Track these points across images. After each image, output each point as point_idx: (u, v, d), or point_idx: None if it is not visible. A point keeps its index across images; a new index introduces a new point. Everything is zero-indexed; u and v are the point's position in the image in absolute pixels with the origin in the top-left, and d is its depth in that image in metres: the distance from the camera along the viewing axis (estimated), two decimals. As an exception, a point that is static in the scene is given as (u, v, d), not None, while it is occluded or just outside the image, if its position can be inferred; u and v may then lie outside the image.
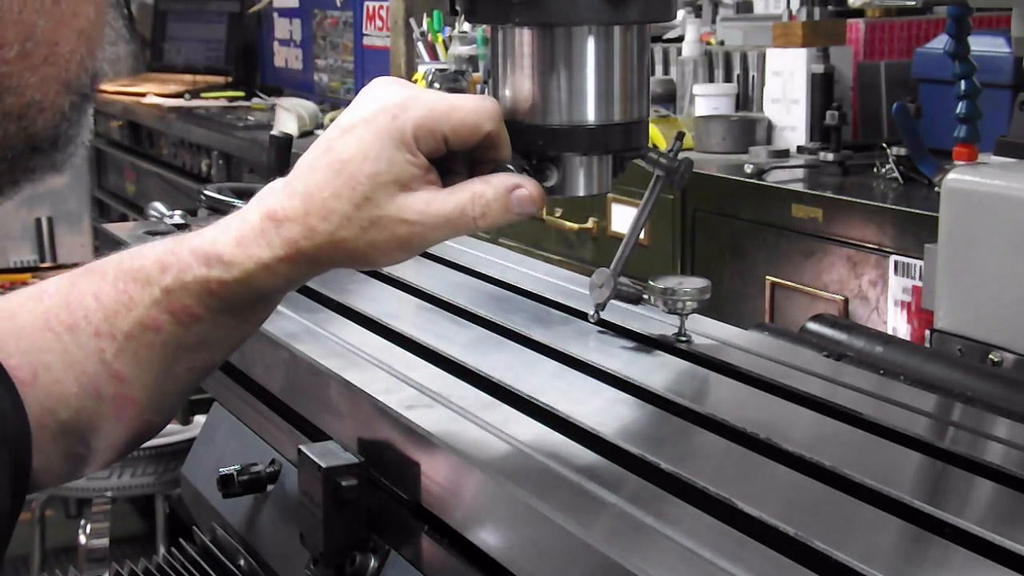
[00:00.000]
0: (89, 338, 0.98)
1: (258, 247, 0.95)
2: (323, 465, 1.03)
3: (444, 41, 3.73)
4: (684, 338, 1.21)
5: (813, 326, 1.30)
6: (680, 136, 1.17)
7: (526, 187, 0.95)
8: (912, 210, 1.97)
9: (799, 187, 2.24)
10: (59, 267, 5.07)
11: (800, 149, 2.50)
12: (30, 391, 0.95)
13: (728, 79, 2.83)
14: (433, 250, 1.62)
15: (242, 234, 0.96)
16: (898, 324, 1.96)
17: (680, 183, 1.15)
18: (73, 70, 0.75)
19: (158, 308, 0.97)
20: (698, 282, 1.20)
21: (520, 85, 1.01)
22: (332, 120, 3.84)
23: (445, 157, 0.95)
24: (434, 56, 3.74)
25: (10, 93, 0.72)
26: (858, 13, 2.67)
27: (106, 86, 5.32)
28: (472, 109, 0.94)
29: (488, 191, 0.94)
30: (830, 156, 2.35)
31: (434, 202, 0.93)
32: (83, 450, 1.00)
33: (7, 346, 0.96)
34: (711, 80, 2.85)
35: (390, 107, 0.94)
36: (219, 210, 1.71)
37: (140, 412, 1.00)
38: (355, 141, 0.94)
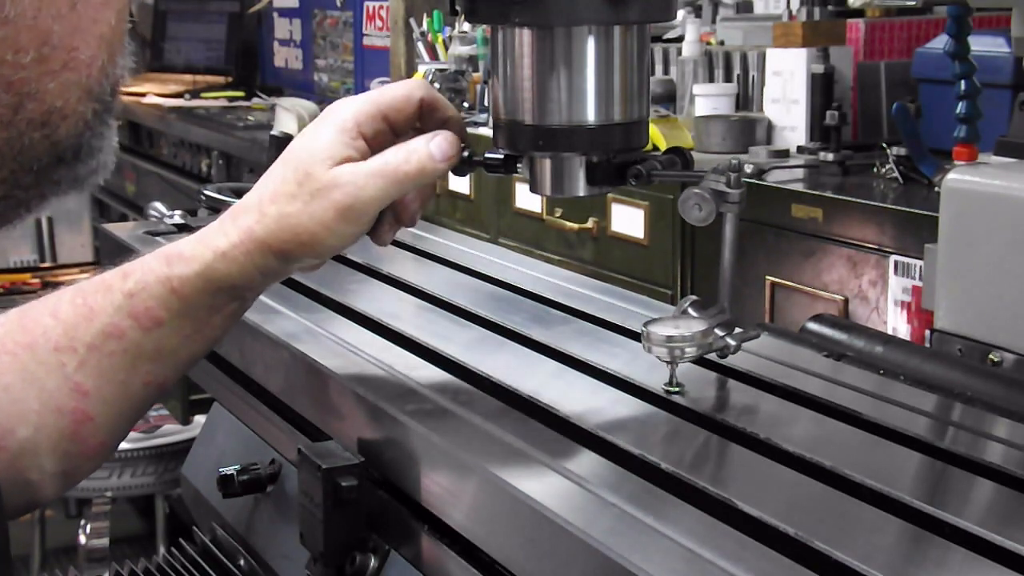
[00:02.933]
0: (49, 353, 1.00)
1: (215, 238, 1.02)
2: (323, 465, 1.03)
3: (444, 41, 3.72)
4: (676, 388, 1.06)
5: (813, 326, 1.30)
6: (738, 168, 1.08)
7: (442, 135, 1.03)
8: (912, 210, 1.96)
9: (799, 187, 2.24)
10: (59, 267, 5.07)
11: (800, 149, 2.50)
12: None
13: (728, 79, 2.83)
14: (433, 250, 1.62)
15: (203, 232, 1.03)
16: (898, 324, 1.96)
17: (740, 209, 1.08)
18: (94, 76, 0.76)
19: (120, 314, 1.01)
20: (696, 324, 1.04)
21: (520, 85, 1.01)
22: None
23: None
24: (434, 56, 3.73)
25: (30, 99, 0.72)
26: (858, 13, 2.67)
27: (106, 86, 5.31)
28: (401, 84, 1.06)
29: (410, 143, 1.02)
30: (830, 156, 2.35)
31: (362, 164, 1.01)
32: (36, 475, 1.01)
33: None
34: (711, 80, 2.85)
35: (334, 106, 1.05)
36: (219, 210, 1.71)
37: (96, 431, 1.02)
38: (303, 136, 1.04)
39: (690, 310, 1.09)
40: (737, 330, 1.06)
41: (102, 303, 1.02)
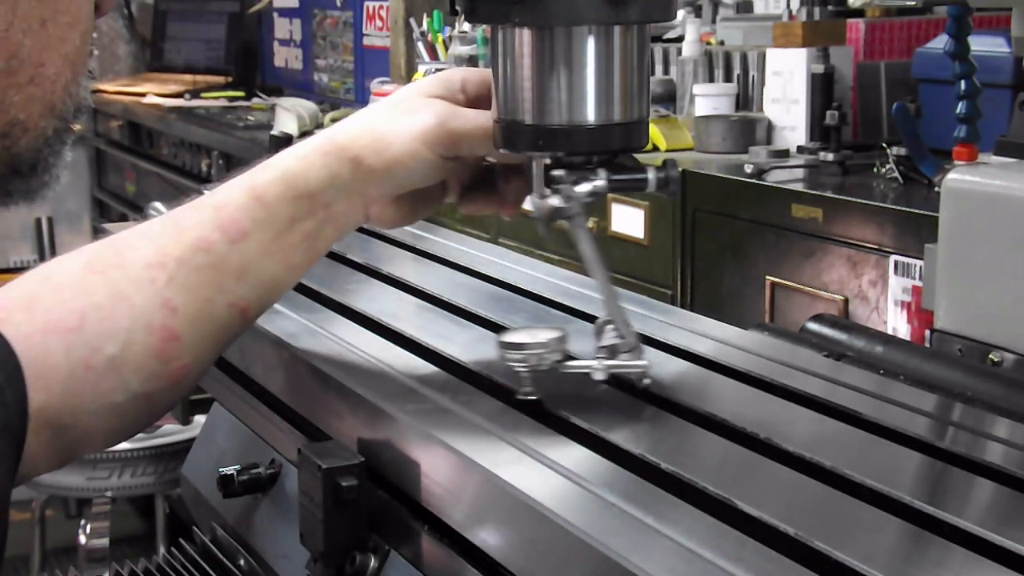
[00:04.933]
0: (140, 270, 1.02)
1: (298, 146, 1.08)
2: (323, 465, 1.03)
3: (444, 41, 3.73)
4: (531, 397, 1.03)
5: (813, 326, 1.30)
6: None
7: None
8: (912, 210, 1.97)
9: (799, 187, 2.24)
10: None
11: (800, 149, 2.50)
12: (76, 336, 0.98)
13: (728, 79, 2.84)
14: (433, 250, 1.62)
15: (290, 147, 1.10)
16: (898, 324, 1.96)
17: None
18: (58, 94, 0.78)
19: (210, 226, 1.04)
20: (548, 333, 1.03)
21: (520, 85, 1.01)
22: (332, 120, 3.85)
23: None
24: (434, 56, 3.74)
25: None
26: (858, 13, 2.67)
27: (106, 86, 5.32)
28: None
29: None
30: (830, 156, 2.35)
31: (462, 107, 1.07)
32: (120, 397, 1.01)
33: (45, 302, 0.99)
34: (711, 80, 2.85)
35: (446, 70, 1.12)
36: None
37: (181, 351, 1.03)
38: (410, 84, 1.11)
39: (604, 329, 1.05)
40: (623, 358, 1.03)
41: (192, 218, 1.05)
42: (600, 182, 1.01)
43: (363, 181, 1.07)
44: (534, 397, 1.04)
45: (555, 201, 1.01)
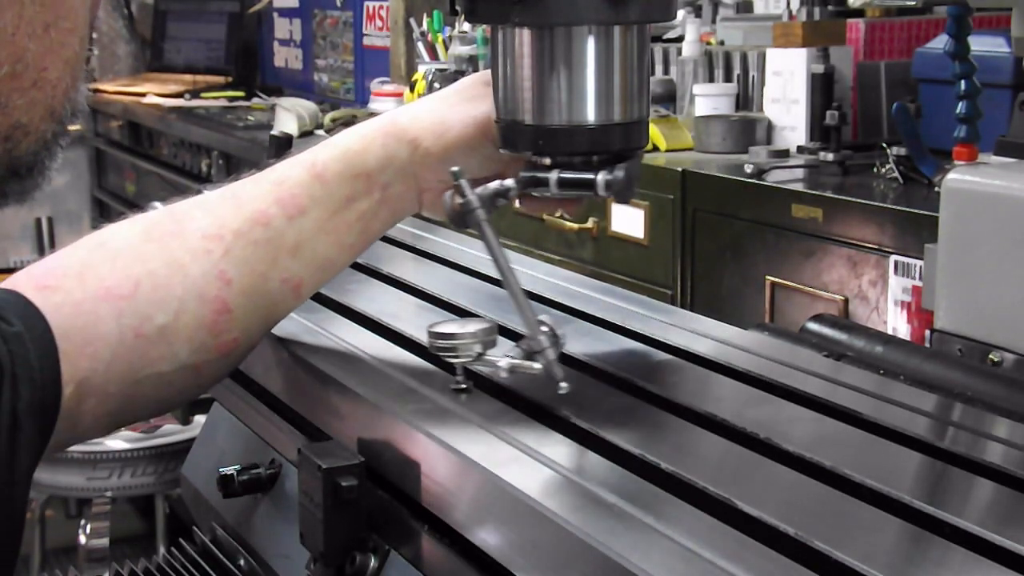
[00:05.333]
0: (197, 240, 1.03)
1: (359, 125, 1.10)
2: (323, 465, 1.03)
3: (444, 41, 3.73)
4: (463, 386, 1.05)
5: (813, 326, 1.30)
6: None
7: None
8: (912, 210, 1.97)
9: (799, 187, 2.24)
10: (59, 267, 5.06)
11: (800, 149, 2.50)
12: (128, 304, 0.99)
13: (728, 79, 2.84)
14: (433, 250, 1.62)
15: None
16: (898, 324, 1.96)
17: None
18: (59, 98, 0.79)
19: (268, 200, 1.05)
20: (477, 325, 1.04)
21: (520, 85, 1.01)
22: (332, 120, 3.85)
23: None
24: (434, 56, 3.74)
25: None
26: (858, 13, 2.67)
27: (106, 86, 5.32)
28: None
29: None
30: (830, 156, 2.35)
31: None
32: (168, 367, 1.01)
33: (99, 269, 1.01)
34: (711, 80, 2.85)
35: None
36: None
37: (231, 324, 1.04)
38: (476, 73, 1.14)
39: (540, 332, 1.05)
40: (525, 361, 1.03)
41: (251, 191, 1.06)
42: (509, 182, 1.02)
43: (420, 164, 1.08)
44: (464, 386, 1.05)
45: (458, 200, 1.01)
